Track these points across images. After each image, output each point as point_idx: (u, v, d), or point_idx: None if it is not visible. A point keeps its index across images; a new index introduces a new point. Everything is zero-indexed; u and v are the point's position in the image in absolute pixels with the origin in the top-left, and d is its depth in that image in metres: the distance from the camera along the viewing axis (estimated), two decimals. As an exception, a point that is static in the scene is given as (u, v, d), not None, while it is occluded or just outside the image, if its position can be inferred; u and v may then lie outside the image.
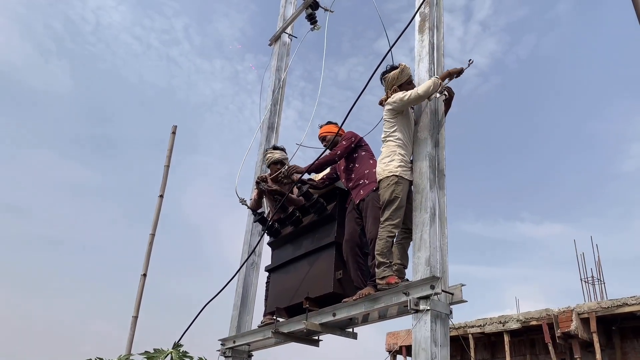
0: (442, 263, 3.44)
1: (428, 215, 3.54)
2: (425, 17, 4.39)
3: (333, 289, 4.05)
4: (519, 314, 12.07)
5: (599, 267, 13.30)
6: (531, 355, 12.80)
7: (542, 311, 11.51)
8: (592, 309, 10.78)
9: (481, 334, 12.91)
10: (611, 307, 10.48)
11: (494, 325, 12.41)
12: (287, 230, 4.86)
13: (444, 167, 3.84)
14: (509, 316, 12.22)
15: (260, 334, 4.80)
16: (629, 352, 11.05)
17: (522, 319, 11.87)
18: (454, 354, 14.44)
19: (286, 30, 7.46)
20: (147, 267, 5.87)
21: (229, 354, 5.25)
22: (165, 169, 6.05)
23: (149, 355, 2.95)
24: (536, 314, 11.61)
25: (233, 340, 5.23)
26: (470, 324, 13.03)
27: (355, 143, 4.41)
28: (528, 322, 11.80)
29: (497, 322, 12.39)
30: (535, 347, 12.72)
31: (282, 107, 7.12)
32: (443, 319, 3.27)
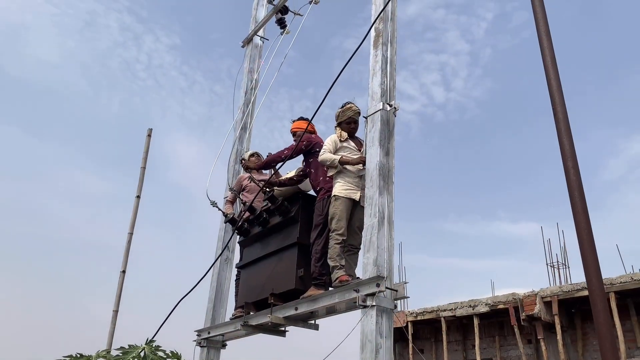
0: (388, 262, 3.83)
1: (377, 220, 3.92)
2: (380, 32, 4.71)
3: (295, 286, 4.45)
4: (487, 298, 12.67)
5: (564, 253, 13.94)
6: (500, 336, 13.44)
7: (509, 295, 12.11)
8: (555, 292, 11.40)
9: (453, 317, 13.50)
10: (572, 291, 11.10)
11: (465, 309, 13.00)
12: (255, 230, 5.23)
13: (393, 175, 4.22)
14: (478, 300, 12.82)
15: (232, 326, 5.19)
16: (589, 333, 11.72)
17: (490, 303, 12.47)
18: (428, 337, 15.07)
19: (258, 32, 7.74)
20: (126, 264, 6.19)
21: (204, 344, 5.63)
22: (142, 171, 6.35)
23: (124, 351, 3.29)
24: (503, 298, 12.22)
25: (208, 332, 5.60)
26: (442, 307, 13.61)
27: (309, 148, 4.81)
28: (496, 305, 12.40)
29: (467, 305, 12.98)
30: (504, 329, 13.36)
31: (255, 107, 7.42)
32: (388, 313, 3.68)
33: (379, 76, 4.50)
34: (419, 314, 14.20)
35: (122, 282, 6.09)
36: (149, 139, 6.46)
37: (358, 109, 4.70)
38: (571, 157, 2.36)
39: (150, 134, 6.53)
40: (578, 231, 2.24)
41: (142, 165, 6.33)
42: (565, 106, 2.49)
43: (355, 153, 4.54)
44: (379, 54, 4.60)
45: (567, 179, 2.32)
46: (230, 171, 6.65)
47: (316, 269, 4.28)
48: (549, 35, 2.73)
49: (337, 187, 4.41)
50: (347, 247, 4.31)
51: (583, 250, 2.21)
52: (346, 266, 4.20)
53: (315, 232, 4.42)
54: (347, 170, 4.45)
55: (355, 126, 4.69)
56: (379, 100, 4.34)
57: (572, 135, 2.42)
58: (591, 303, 2.21)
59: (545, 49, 2.71)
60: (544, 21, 2.80)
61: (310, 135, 4.95)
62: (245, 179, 5.84)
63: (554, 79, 2.56)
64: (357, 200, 4.37)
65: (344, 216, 4.25)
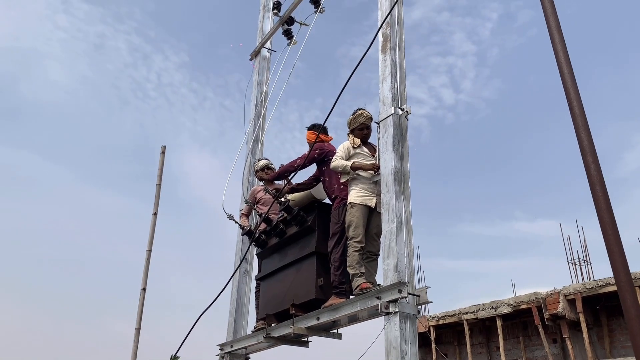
0: (409, 268, 3.81)
1: (395, 225, 3.90)
2: (387, 37, 4.71)
3: (315, 295, 4.43)
4: (509, 299, 12.50)
5: (584, 249, 13.74)
6: (524, 337, 13.25)
7: (531, 295, 11.94)
8: (578, 290, 11.22)
9: (475, 319, 13.34)
10: (595, 288, 10.91)
11: (487, 311, 12.84)
12: (272, 242, 5.23)
13: (409, 179, 4.20)
14: (501, 301, 12.65)
15: (254, 339, 5.18)
16: (615, 329, 11.50)
17: (512, 304, 12.30)
18: (451, 340, 14.90)
19: (265, 45, 7.79)
20: (146, 282, 6.22)
21: (227, 358, 5.63)
22: (157, 188, 6.39)
23: (150, 368, 3.30)
24: (525, 298, 12.05)
25: (230, 345, 5.61)
26: (464, 310, 13.46)
27: (322, 156, 4.79)
28: (518, 306, 12.23)
29: (489, 307, 12.82)
30: (528, 330, 13.17)
31: (265, 120, 7.45)
32: (411, 319, 3.64)
33: (389, 81, 4.49)
34: (440, 318, 14.05)
35: (142, 299, 6.11)
36: (163, 155, 6.51)
37: (370, 115, 4.69)
38: (590, 152, 2.32)
39: (164, 151, 6.58)
40: (602, 226, 2.20)
41: (158, 182, 6.38)
42: (581, 101, 2.46)
43: (368, 159, 4.53)
44: (387, 59, 4.59)
45: (588, 174, 2.28)
46: (244, 184, 6.67)
47: (336, 278, 4.25)
48: (560, 30, 2.70)
49: (353, 194, 4.39)
50: (365, 254, 4.29)
51: (609, 245, 2.17)
52: (366, 273, 4.17)
53: (333, 241, 4.39)
54: (362, 176, 4.44)
55: (367, 132, 4.68)
56: (390, 104, 4.33)
57: (590, 130, 2.39)
58: (620, 299, 2.16)
59: (557, 44, 2.68)
60: (554, 17, 2.78)
61: (323, 144, 4.94)
62: (259, 191, 5.86)
63: (567, 74, 2.53)
64: (374, 206, 4.35)
65: (361, 223, 4.22)
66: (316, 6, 6.59)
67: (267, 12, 7.93)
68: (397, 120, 4.34)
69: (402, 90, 4.50)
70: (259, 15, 8.08)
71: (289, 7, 7.08)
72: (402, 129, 4.37)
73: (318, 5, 6.57)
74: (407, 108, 4.39)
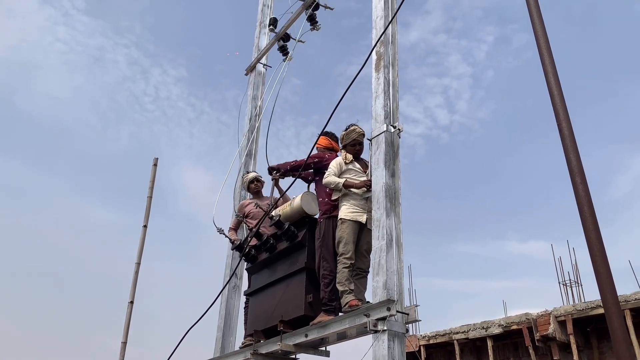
0: (398, 285, 3.79)
1: (385, 242, 3.89)
2: (381, 55, 4.76)
3: (304, 312, 4.39)
4: (500, 319, 12.45)
5: (576, 270, 13.74)
6: (514, 358, 13.16)
7: (522, 315, 11.90)
8: (568, 311, 11.20)
9: (466, 339, 13.26)
10: (586, 309, 10.90)
11: (478, 331, 12.77)
12: (262, 257, 5.19)
13: (400, 196, 4.20)
14: (491, 321, 12.60)
15: (242, 355, 5.11)
16: (605, 352, 11.46)
17: (503, 324, 12.25)
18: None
19: (261, 60, 7.84)
20: (133, 295, 6.15)
21: (214, 374, 5.56)
22: (148, 200, 6.36)
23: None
24: (516, 319, 12.00)
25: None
26: (455, 330, 13.38)
27: (318, 165, 4.82)
28: (509, 326, 12.17)
29: (480, 327, 12.76)
30: (518, 350, 13.09)
31: (259, 134, 7.46)
32: (400, 337, 3.61)
33: (381, 98, 4.52)
34: (431, 337, 13.95)
35: (130, 313, 6.04)
36: (155, 168, 6.49)
37: (362, 131, 4.71)
38: (579, 173, 2.33)
39: (156, 163, 6.57)
40: (590, 248, 2.20)
41: (149, 194, 6.35)
42: (570, 122, 2.48)
43: (360, 175, 4.54)
44: (381, 77, 4.63)
45: (576, 195, 2.29)
46: (236, 198, 6.65)
47: (325, 295, 4.22)
48: (550, 52, 2.73)
49: (343, 210, 4.39)
50: (355, 270, 4.27)
51: (596, 267, 2.17)
52: (355, 290, 4.15)
53: (317, 256, 4.39)
54: (353, 192, 4.44)
55: (360, 148, 4.70)
56: (383, 122, 4.35)
57: (578, 151, 2.41)
58: (608, 322, 2.16)
59: (547, 66, 2.71)
60: (544, 39, 2.82)
61: (324, 155, 4.95)
62: (248, 205, 5.83)
63: (557, 95, 2.56)
64: (364, 222, 4.34)
65: (351, 239, 4.21)
66: (312, 24, 6.66)
67: (263, 28, 7.99)
68: (389, 138, 4.36)
69: (394, 108, 4.53)
70: (255, 31, 8.14)
71: (285, 24, 7.14)
72: (394, 147, 4.39)
73: (314, 23, 6.64)
74: (400, 126, 4.41)
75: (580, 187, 2.30)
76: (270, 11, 8.20)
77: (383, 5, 4.88)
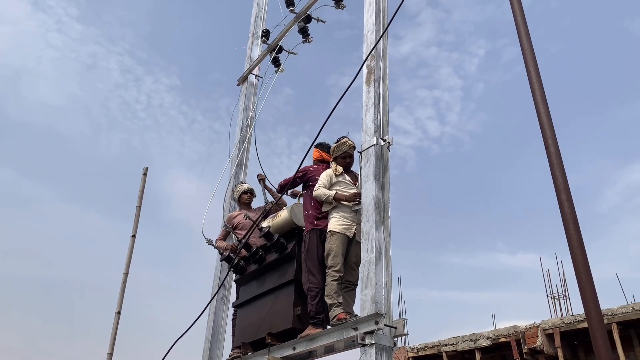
0: (387, 299, 3.80)
1: (374, 255, 3.90)
2: (372, 69, 4.80)
3: (292, 325, 4.38)
4: (489, 332, 12.46)
5: (564, 283, 13.82)
6: (503, 371, 13.16)
7: (510, 328, 11.92)
8: (556, 324, 11.23)
9: (454, 351, 13.24)
10: (573, 323, 10.94)
11: (466, 343, 12.76)
12: (251, 268, 5.18)
13: (389, 209, 4.22)
14: (480, 334, 12.60)
15: (229, 367, 5.08)
16: (593, 365, 11.51)
17: (491, 336, 12.26)
18: (430, 373, 14.72)
19: (253, 71, 7.86)
20: (121, 305, 6.10)
21: (201, 386, 5.51)
22: (137, 210, 6.32)
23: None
24: (505, 331, 12.02)
25: (204, 373, 5.49)
26: (443, 342, 13.37)
27: (303, 180, 4.84)
28: (498, 339, 12.18)
29: (468, 339, 12.75)
30: (507, 363, 13.10)
31: (250, 144, 7.46)
32: (387, 351, 3.61)
33: (372, 112, 4.55)
34: (420, 349, 13.92)
35: (117, 323, 5.98)
36: (145, 177, 6.47)
37: (353, 144, 4.74)
38: (565, 191, 2.37)
39: (146, 172, 6.54)
40: (575, 265, 2.22)
41: (138, 204, 6.32)
42: (556, 140, 2.52)
43: (350, 187, 4.55)
44: (371, 91, 4.67)
45: (562, 213, 2.32)
46: (226, 208, 6.63)
47: (313, 307, 4.21)
48: (538, 71, 2.78)
49: (333, 222, 4.40)
50: (344, 283, 4.27)
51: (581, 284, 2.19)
52: (344, 303, 4.15)
53: (303, 270, 4.40)
54: (342, 204, 4.45)
55: (350, 160, 4.72)
56: (373, 135, 4.38)
57: (564, 169, 2.44)
58: (592, 338, 2.18)
59: (534, 83, 2.75)
60: (532, 57, 2.86)
61: (308, 167, 4.97)
62: (237, 216, 5.82)
63: (544, 113, 2.60)
64: (353, 235, 4.35)
65: (340, 252, 4.22)
66: (304, 36, 6.70)
67: (256, 39, 8.03)
68: (379, 151, 4.39)
69: (384, 121, 4.56)
70: (248, 42, 8.18)
71: (277, 36, 7.19)
72: (383, 160, 4.41)
73: (306, 35, 6.68)
74: (389, 139, 4.44)
75: (565, 204, 2.33)
76: (263, 23, 8.25)
77: (374, 19, 4.93)
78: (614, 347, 10.27)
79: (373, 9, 5.01)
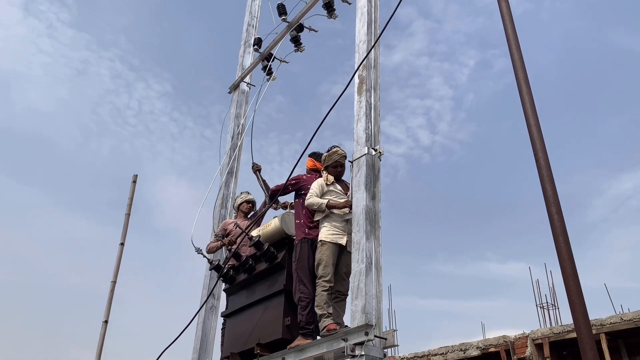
0: (377, 310, 3.77)
1: (365, 265, 3.88)
2: (363, 79, 4.81)
3: (282, 335, 4.34)
4: (478, 341, 12.46)
5: (553, 293, 13.88)
6: (492, 380, 13.15)
7: (500, 338, 11.93)
8: (545, 334, 11.26)
9: (444, 361, 13.23)
10: (562, 333, 10.98)
11: (456, 353, 12.75)
12: (241, 278, 5.14)
13: (380, 219, 4.22)
14: (469, 344, 12.60)
15: (217, 378, 5.03)
16: (581, 375, 11.53)
17: (481, 346, 12.26)
18: (419, 382, 14.67)
19: (245, 79, 7.86)
20: (108, 314, 6.02)
21: (189, 397, 5.44)
22: (126, 217, 6.27)
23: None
24: (494, 341, 12.03)
25: (192, 384, 5.42)
26: (433, 352, 13.34)
27: (296, 187, 4.83)
28: (487, 349, 12.18)
29: (458, 349, 12.74)
30: (496, 373, 13.09)
31: (241, 152, 7.44)
32: (377, 362, 3.60)
33: (363, 121, 4.56)
34: (409, 359, 13.89)
35: (104, 332, 5.90)
36: (134, 185, 6.41)
37: (344, 153, 4.74)
38: (554, 203, 2.37)
39: (136, 180, 6.49)
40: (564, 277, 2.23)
41: (127, 211, 6.26)
42: (546, 153, 2.53)
43: (341, 197, 4.55)
44: (363, 100, 4.68)
45: (552, 225, 2.33)
46: (216, 217, 6.59)
47: (303, 318, 4.19)
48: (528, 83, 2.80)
49: (323, 232, 4.38)
50: (334, 293, 4.25)
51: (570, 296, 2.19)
52: (334, 314, 4.12)
53: (294, 279, 4.37)
54: (333, 214, 4.44)
55: (341, 170, 4.72)
56: (364, 145, 4.38)
57: (554, 182, 2.45)
58: (581, 350, 2.18)
59: (524, 96, 2.77)
60: (522, 70, 2.88)
61: (302, 176, 4.96)
62: (230, 224, 5.79)
63: (534, 125, 2.61)
64: (344, 245, 4.34)
65: (330, 262, 4.20)
66: (296, 45, 6.71)
67: (248, 47, 8.03)
68: (370, 160, 4.38)
69: (376, 131, 4.56)
70: (240, 50, 8.18)
71: (270, 45, 7.19)
72: (374, 169, 4.41)
73: (298, 44, 6.70)
74: (380, 149, 4.45)
75: (555, 217, 2.33)
76: (255, 31, 8.25)
77: (366, 30, 4.95)
78: (602, 357, 10.30)
79: (365, 20, 5.03)
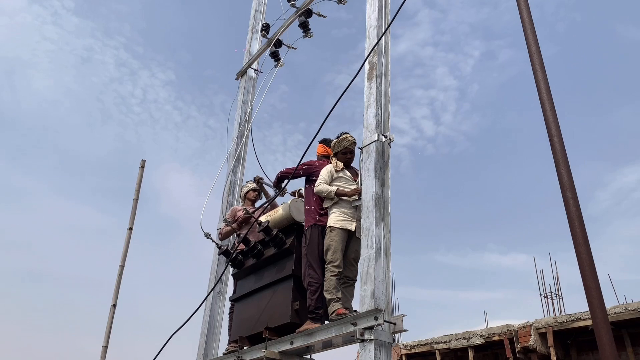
0: (386, 295, 3.79)
1: (374, 251, 3.89)
2: (374, 65, 4.78)
3: (290, 319, 4.36)
4: (482, 330, 12.51)
5: (557, 283, 13.89)
6: (495, 369, 13.23)
7: (504, 326, 11.97)
8: (549, 323, 11.29)
9: (447, 349, 13.29)
10: (566, 322, 11.00)
11: (459, 341, 12.80)
12: (249, 262, 5.16)
13: (389, 206, 4.21)
14: (473, 332, 12.64)
15: (225, 361, 5.07)
16: (585, 365, 11.58)
17: (485, 335, 12.30)
18: (422, 370, 14.77)
19: (252, 65, 7.82)
20: (116, 298, 6.06)
21: (196, 380, 5.49)
22: (134, 202, 6.29)
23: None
24: (498, 330, 12.06)
25: (200, 367, 5.47)
26: (436, 340, 13.41)
27: (307, 172, 4.82)
28: (491, 337, 12.23)
29: (461, 337, 12.80)
30: (499, 362, 13.16)
31: (248, 139, 7.43)
32: (386, 347, 3.61)
33: (373, 108, 4.54)
34: (413, 346, 13.96)
35: (112, 316, 5.95)
36: (142, 170, 6.43)
37: (354, 139, 4.72)
38: (570, 188, 2.36)
39: (144, 165, 6.50)
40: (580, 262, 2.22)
41: (135, 197, 6.28)
42: (562, 137, 2.52)
43: (351, 183, 4.54)
44: (373, 86, 4.65)
45: (567, 210, 2.32)
46: (224, 202, 6.61)
47: (312, 302, 4.21)
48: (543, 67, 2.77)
49: (332, 218, 4.39)
50: (343, 279, 4.26)
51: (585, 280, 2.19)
52: (343, 299, 4.14)
53: (303, 264, 4.39)
54: (343, 200, 4.44)
55: (351, 156, 4.71)
56: (374, 131, 4.37)
57: (569, 166, 2.43)
58: (596, 335, 2.18)
59: (540, 81, 2.75)
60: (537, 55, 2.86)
61: (313, 162, 4.95)
62: (239, 210, 5.80)
63: (549, 111, 2.59)
64: (353, 231, 4.34)
65: (339, 247, 4.21)
66: (305, 31, 6.67)
67: (255, 33, 7.99)
68: (380, 147, 4.37)
69: (386, 117, 4.54)
70: (247, 36, 8.13)
71: (278, 30, 7.14)
72: (384, 156, 4.40)
73: (307, 30, 6.65)
74: (390, 135, 4.43)
75: (571, 202, 2.33)
76: (263, 17, 8.21)
77: (377, 15, 4.91)
78: (606, 346, 10.31)
79: (376, 5, 4.99)
